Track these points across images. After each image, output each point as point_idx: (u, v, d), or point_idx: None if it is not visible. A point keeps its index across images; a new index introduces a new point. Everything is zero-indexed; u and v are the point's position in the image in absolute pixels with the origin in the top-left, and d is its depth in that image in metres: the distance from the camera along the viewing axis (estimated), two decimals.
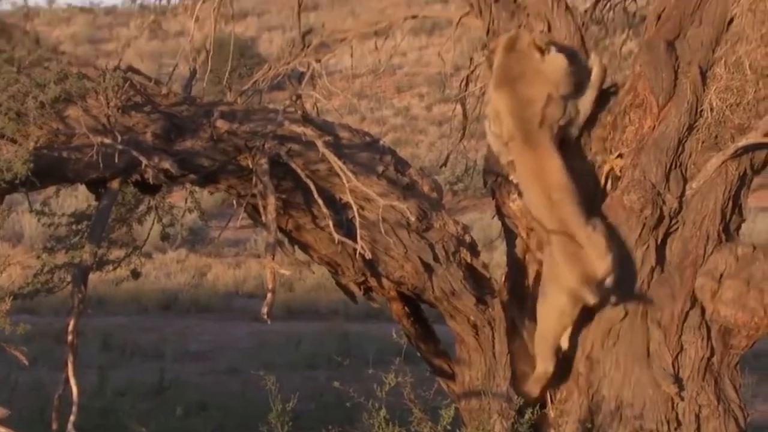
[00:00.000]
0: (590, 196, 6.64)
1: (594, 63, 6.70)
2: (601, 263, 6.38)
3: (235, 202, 6.85)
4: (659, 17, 6.76)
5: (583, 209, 6.43)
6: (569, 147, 6.65)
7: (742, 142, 6.41)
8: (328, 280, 8.89)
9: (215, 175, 6.40)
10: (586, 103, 6.65)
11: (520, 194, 6.66)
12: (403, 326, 7.11)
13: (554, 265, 6.46)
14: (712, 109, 6.51)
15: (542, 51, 6.50)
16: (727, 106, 6.50)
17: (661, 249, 6.54)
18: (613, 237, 6.48)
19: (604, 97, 6.78)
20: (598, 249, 6.37)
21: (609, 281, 6.41)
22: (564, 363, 6.69)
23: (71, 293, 6.03)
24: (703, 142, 6.54)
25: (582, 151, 6.74)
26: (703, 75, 6.54)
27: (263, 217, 6.28)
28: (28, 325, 5.61)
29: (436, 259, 6.62)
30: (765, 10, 6.46)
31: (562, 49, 6.60)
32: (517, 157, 6.55)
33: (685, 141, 6.54)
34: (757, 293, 6.45)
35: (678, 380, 6.53)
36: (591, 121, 6.71)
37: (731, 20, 6.57)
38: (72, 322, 5.94)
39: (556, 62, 6.53)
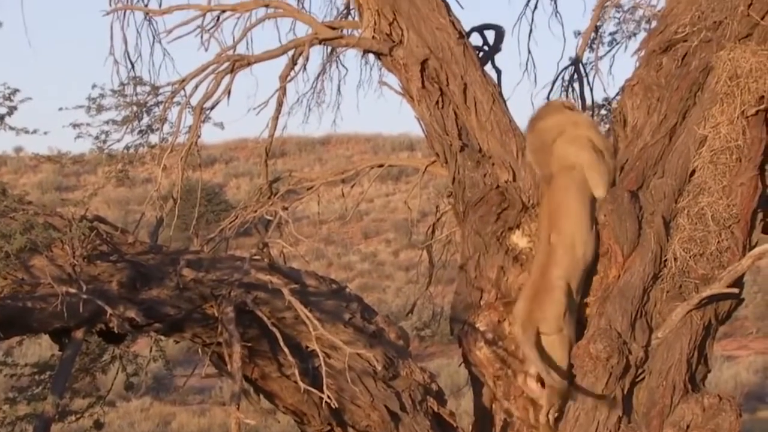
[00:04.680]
0: None
1: None
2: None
3: (200, 350, 6.80)
4: (622, 168, 6.85)
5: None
6: None
7: (707, 292, 6.44)
8: (294, 429, 8.79)
9: (181, 323, 6.36)
10: None
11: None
12: None
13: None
14: (676, 259, 6.57)
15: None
16: (690, 257, 6.56)
17: (627, 398, 6.52)
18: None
19: None
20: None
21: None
22: None
23: None
24: (667, 292, 6.57)
25: None
26: (667, 225, 6.61)
27: (229, 366, 6.22)
28: None
29: (402, 408, 6.57)
30: (726, 162, 6.57)
31: None
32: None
33: (650, 290, 6.57)
34: None
35: None
36: None
37: (693, 172, 6.67)
38: None
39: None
